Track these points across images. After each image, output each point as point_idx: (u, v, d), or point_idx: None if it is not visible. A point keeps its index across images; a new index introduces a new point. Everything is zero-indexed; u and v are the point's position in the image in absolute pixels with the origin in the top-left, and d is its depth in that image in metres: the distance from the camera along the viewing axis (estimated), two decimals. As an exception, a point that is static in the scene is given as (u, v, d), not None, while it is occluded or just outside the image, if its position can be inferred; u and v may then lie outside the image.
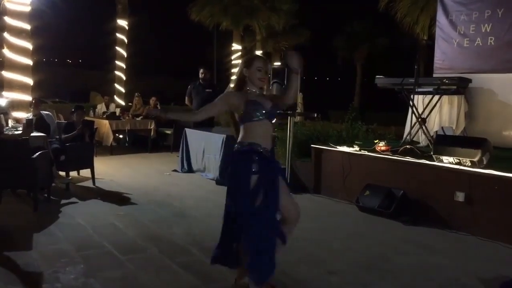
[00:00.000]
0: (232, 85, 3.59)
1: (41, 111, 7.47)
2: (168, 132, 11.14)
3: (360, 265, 4.08)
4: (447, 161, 5.37)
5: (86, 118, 8.60)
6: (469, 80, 6.86)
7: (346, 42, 24.53)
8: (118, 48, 15.09)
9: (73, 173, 7.11)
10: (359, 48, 24.78)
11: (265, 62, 3.27)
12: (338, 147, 6.71)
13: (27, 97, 8.45)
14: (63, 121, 8.82)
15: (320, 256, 4.29)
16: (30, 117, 7.10)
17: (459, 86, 6.63)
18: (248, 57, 3.34)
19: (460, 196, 5.06)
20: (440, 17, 8.01)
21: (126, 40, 15.19)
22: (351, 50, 24.97)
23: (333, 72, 33.82)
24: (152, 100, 11.71)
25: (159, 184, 7.24)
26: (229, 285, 3.49)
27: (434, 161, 5.49)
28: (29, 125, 6.43)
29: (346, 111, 9.36)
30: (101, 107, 11.75)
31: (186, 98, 9.05)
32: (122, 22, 15.08)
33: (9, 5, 8.35)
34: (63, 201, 5.89)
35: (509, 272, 3.87)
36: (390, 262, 4.18)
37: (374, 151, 6.33)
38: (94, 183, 6.92)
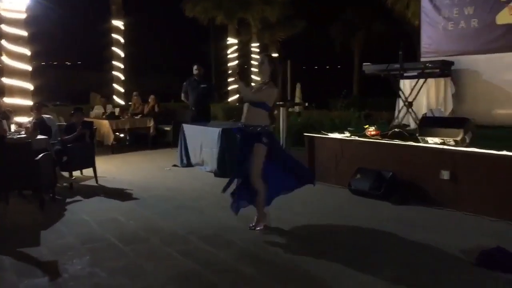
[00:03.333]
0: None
1: (42, 115, 7.72)
2: (167, 128, 11.40)
3: (349, 244, 4.33)
4: (432, 141, 5.59)
5: (87, 119, 8.84)
6: (452, 63, 7.07)
7: (341, 30, 24.60)
8: (114, 49, 15.31)
9: (76, 173, 7.39)
10: (355, 35, 24.86)
11: None
12: (329, 134, 6.93)
13: (28, 102, 8.68)
14: (64, 123, 9.07)
15: (311, 237, 4.53)
16: (34, 121, 7.33)
17: (442, 69, 6.83)
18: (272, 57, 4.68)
19: (445, 175, 5.29)
20: (425, 2, 8.21)
21: (122, 40, 15.40)
22: (348, 37, 25.05)
23: (332, 60, 33.77)
24: (151, 99, 11.95)
25: (159, 179, 7.50)
26: (226, 269, 3.76)
27: (419, 142, 5.72)
28: (35, 128, 6.68)
29: (343, 99, 9.62)
30: (98, 109, 11.90)
31: (182, 94, 9.31)
32: (117, 23, 15.29)
33: (5, 14, 8.56)
34: (67, 200, 6.15)
35: (491, 243, 4.06)
36: (378, 239, 4.42)
37: (365, 136, 6.55)
38: (97, 181, 7.18)
